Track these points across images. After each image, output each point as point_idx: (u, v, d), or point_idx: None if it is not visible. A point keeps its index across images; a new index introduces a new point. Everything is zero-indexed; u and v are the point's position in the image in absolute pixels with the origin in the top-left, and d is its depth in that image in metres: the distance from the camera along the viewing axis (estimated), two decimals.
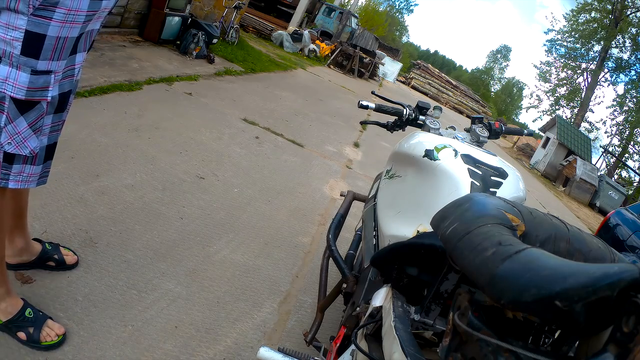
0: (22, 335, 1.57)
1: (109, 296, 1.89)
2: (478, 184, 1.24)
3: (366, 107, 1.98)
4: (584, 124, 32.67)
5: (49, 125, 1.41)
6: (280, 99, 7.36)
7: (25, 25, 1.19)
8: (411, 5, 65.81)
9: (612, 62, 31.49)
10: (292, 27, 16.58)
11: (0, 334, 1.57)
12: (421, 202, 1.31)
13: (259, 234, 2.89)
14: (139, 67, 5.57)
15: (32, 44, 1.21)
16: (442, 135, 1.71)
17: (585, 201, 17.23)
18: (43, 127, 1.39)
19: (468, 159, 1.32)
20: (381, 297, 1.11)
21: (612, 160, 29.27)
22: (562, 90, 34.15)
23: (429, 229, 1.14)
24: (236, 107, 5.70)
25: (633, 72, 31.20)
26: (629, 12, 28.81)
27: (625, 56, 30.83)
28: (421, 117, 1.91)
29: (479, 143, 1.70)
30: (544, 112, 34.71)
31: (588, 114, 32.63)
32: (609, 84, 32.98)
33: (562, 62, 33.93)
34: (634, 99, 31.82)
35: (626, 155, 31.75)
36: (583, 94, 32.35)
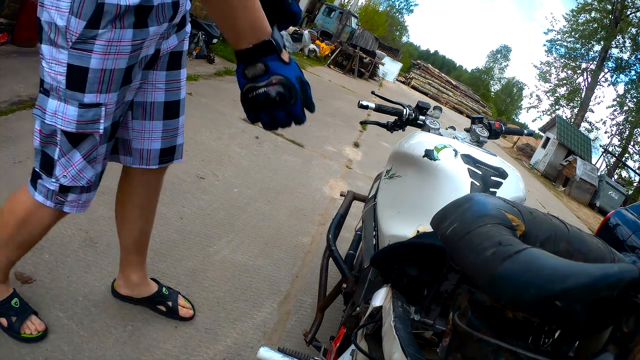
0: (3, 321, 1.58)
1: (109, 296, 1.89)
2: (478, 184, 1.24)
3: (366, 107, 1.98)
4: (584, 124, 32.70)
5: (103, 153, 1.38)
6: None
7: (67, 59, 1.17)
8: (411, 5, 65.88)
9: (612, 62, 31.51)
10: (292, 27, 16.58)
11: (1, 335, 1.57)
12: (421, 202, 1.31)
13: (259, 234, 2.89)
14: None
15: (76, 78, 1.19)
16: (442, 135, 1.71)
17: (585, 201, 17.23)
18: (97, 157, 1.36)
19: (468, 159, 1.32)
20: (381, 297, 1.11)
21: (612, 160, 29.28)
22: (562, 90, 34.20)
23: (429, 229, 1.14)
24: (236, 107, 5.70)
25: (633, 72, 31.22)
26: (629, 12, 28.83)
27: (625, 56, 30.87)
28: (421, 117, 1.91)
29: (479, 143, 1.70)
30: (544, 112, 34.76)
31: (588, 114, 32.67)
32: (609, 84, 33.05)
33: (562, 62, 33.97)
34: (634, 99, 31.85)
35: (626, 155, 31.77)
36: (583, 94, 32.37)
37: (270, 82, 0.96)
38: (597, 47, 31.52)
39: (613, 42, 29.92)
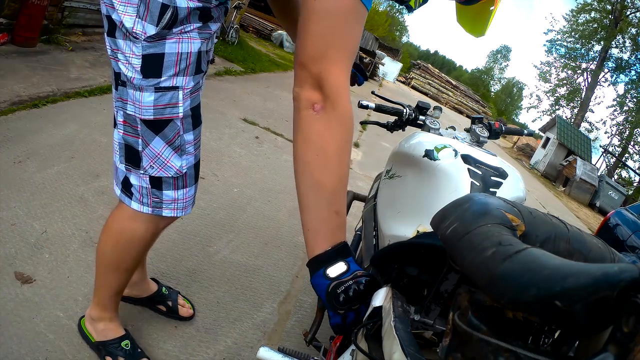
0: None
1: None
2: (478, 184, 1.24)
3: (366, 107, 1.98)
4: (584, 124, 32.71)
5: (192, 142, 1.35)
6: (280, 99, 7.37)
7: (141, 50, 1.18)
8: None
9: (612, 62, 31.50)
10: None
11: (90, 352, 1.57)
12: (421, 202, 1.31)
13: (259, 234, 2.89)
14: None
15: (151, 65, 1.20)
16: (442, 135, 1.71)
17: (585, 201, 17.24)
18: (185, 146, 1.33)
19: (468, 159, 1.32)
20: (381, 297, 1.11)
21: (612, 161, 29.30)
22: (562, 91, 34.22)
23: (429, 229, 1.14)
24: (236, 107, 5.70)
25: (633, 72, 31.21)
26: (628, 13, 28.84)
27: (625, 56, 30.88)
28: (421, 117, 1.91)
29: (479, 143, 1.70)
30: (544, 112, 34.78)
31: (588, 114, 32.68)
32: (609, 84, 33.07)
33: (562, 62, 33.97)
34: (634, 99, 31.86)
35: (626, 155, 31.79)
36: (583, 94, 32.39)
37: (356, 276, 1.04)
38: (597, 47, 31.56)
39: (613, 42, 29.93)
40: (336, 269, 1.02)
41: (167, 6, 1.15)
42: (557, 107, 34.25)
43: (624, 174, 30.27)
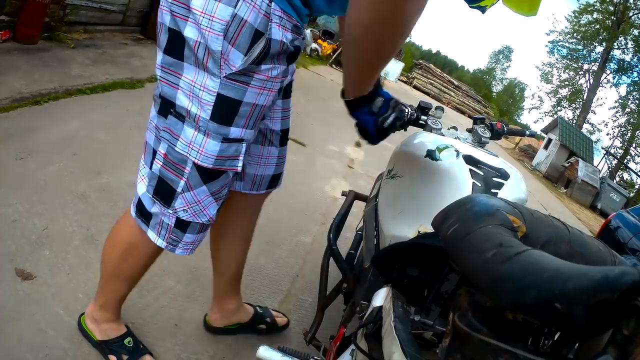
0: (112, 358, 1.57)
1: None
2: (479, 185, 1.24)
3: None
4: (586, 126, 32.65)
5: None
6: None
7: (218, 88, 1.04)
8: None
9: (615, 63, 31.45)
10: None
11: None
12: (422, 202, 1.31)
13: (260, 233, 2.89)
14: (141, 65, 5.57)
15: (225, 110, 1.06)
16: (443, 135, 1.71)
17: (587, 203, 17.21)
18: (226, 193, 1.26)
19: (470, 159, 1.32)
20: (381, 297, 1.11)
21: (614, 162, 29.26)
22: (564, 92, 34.18)
23: (430, 229, 1.14)
24: None
25: (635, 74, 31.17)
26: (631, 14, 28.77)
27: (628, 58, 30.81)
28: (423, 117, 1.90)
29: (481, 144, 1.70)
30: (546, 113, 34.74)
31: (590, 115, 32.62)
32: (611, 86, 32.96)
33: (564, 64, 33.91)
34: (636, 101, 31.81)
35: (628, 157, 31.74)
36: (585, 95, 32.33)
37: (392, 107, 1.23)
38: (599, 49, 31.49)
39: (615, 44, 29.87)
40: (377, 105, 1.20)
41: (260, 34, 1.01)
42: (559, 108, 34.23)
43: (625, 176, 30.24)
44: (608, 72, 31.72)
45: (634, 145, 31.79)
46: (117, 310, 1.60)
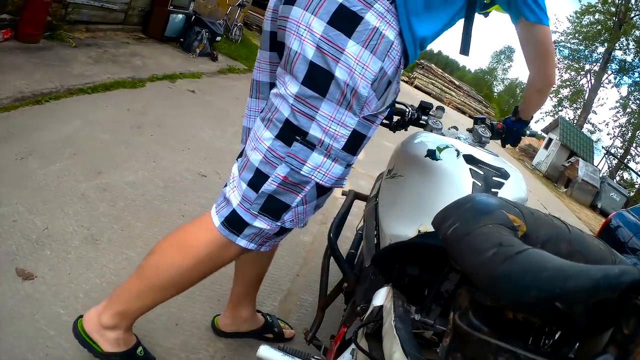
0: None
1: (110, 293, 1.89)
2: (480, 184, 1.24)
3: None
4: (587, 126, 32.61)
5: None
6: None
7: (355, 125, 1.17)
8: None
9: (616, 64, 31.41)
10: None
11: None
12: (423, 202, 1.31)
13: None
14: (142, 64, 5.58)
15: (355, 143, 1.20)
16: (444, 135, 1.71)
17: (587, 203, 17.21)
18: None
19: (470, 159, 1.32)
20: (382, 297, 1.11)
21: (614, 162, 29.24)
22: (565, 92, 34.10)
23: (430, 228, 1.14)
24: (239, 105, 5.70)
25: (637, 74, 31.14)
26: (632, 15, 28.73)
27: (629, 58, 30.76)
28: (424, 116, 1.90)
29: (481, 143, 1.70)
30: (547, 113, 34.63)
31: (591, 115, 32.58)
32: (612, 86, 32.90)
33: (565, 64, 33.84)
34: (637, 101, 31.78)
35: (628, 157, 31.72)
36: (586, 95, 32.28)
37: None
38: (601, 49, 31.44)
39: (617, 44, 29.83)
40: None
41: (390, 83, 1.18)
42: (560, 108, 34.16)
43: (625, 175, 30.22)
44: (609, 72, 31.69)
45: (634, 145, 31.77)
46: (135, 319, 1.48)
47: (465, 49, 1.38)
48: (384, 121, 1.74)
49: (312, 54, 1.09)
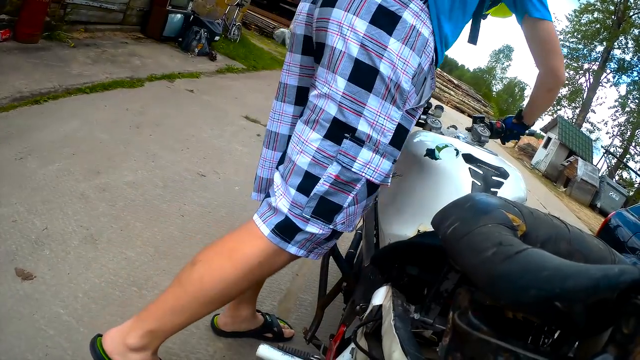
0: None
1: (110, 293, 1.89)
2: (479, 184, 1.24)
3: None
4: (586, 125, 32.66)
5: None
6: None
7: (399, 119, 1.19)
8: None
9: (615, 62, 31.43)
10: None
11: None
12: (422, 201, 1.31)
13: None
14: (141, 64, 5.57)
15: (399, 137, 1.21)
16: (443, 134, 1.71)
17: (586, 202, 17.23)
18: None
19: (469, 158, 1.32)
20: (381, 296, 1.11)
21: (613, 161, 29.28)
22: (564, 91, 34.12)
23: (430, 228, 1.14)
24: (238, 105, 5.70)
25: (635, 73, 31.16)
26: (631, 13, 28.77)
27: (628, 57, 30.80)
28: (422, 116, 1.90)
29: (480, 142, 1.70)
30: (546, 112, 34.65)
31: (590, 114, 32.64)
32: (611, 85, 32.97)
33: (564, 63, 33.90)
34: (636, 100, 31.81)
35: (627, 156, 31.76)
36: (585, 94, 32.32)
37: None
38: (600, 48, 31.48)
39: (615, 43, 29.86)
40: None
41: (426, 79, 1.22)
42: (558, 107, 34.18)
43: (625, 175, 30.26)
44: (608, 71, 31.73)
45: (633, 144, 31.81)
46: (164, 340, 1.36)
47: (473, 39, 1.44)
48: None
49: (356, 51, 1.13)
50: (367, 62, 1.13)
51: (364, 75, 1.14)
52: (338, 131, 1.18)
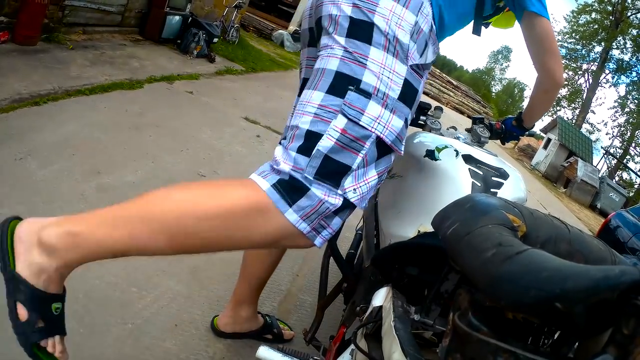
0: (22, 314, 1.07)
1: (109, 294, 1.89)
2: (479, 185, 1.24)
3: None
4: (585, 125, 32.70)
5: None
6: (281, 98, 7.36)
7: (406, 74, 1.15)
8: None
9: (613, 63, 31.47)
10: (292, 27, 16.54)
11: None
12: (422, 202, 1.31)
13: None
14: (140, 66, 5.57)
15: (408, 94, 1.16)
16: (443, 135, 1.71)
17: (586, 203, 17.23)
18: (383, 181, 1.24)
19: (469, 159, 1.32)
20: (381, 297, 1.11)
21: (613, 162, 29.30)
22: (563, 91, 34.16)
23: (430, 229, 1.14)
24: (237, 106, 5.70)
25: (634, 74, 31.19)
26: (629, 14, 28.81)
27: (626, 57, 30.83)
28: (422, 117, 1.90)
29: (480, 143, 1.70)
30: (545, 113, 34.73)
31: (589, 115, 32.68)
32: (610, 86, 33.02)
33: (563, 63, 33.92)
34: (635, 101, 31.83)
35: (627, 157, 31.78)
36: (584, 95, 32.36)
37: None
38: (598, 48, 31.53)
39: (614, 44, 29.89)
40: None
41: (426, 44, 1.21)
42: (558, 108, 34.23)
43: (625, 175, 30.28)
44: (607, 71, 31.76)
45: (633, 144, 31.83)
46: (83, 261, 1.08)
47: (477, 30, 1.45)
48: None
49: (350, 10, 1.14)
50: (361, 18, 1.14)
51: (361, 30, 1.13)
52: (341, 83, 1.11)
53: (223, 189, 1.11)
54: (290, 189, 1.08)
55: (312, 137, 1.10)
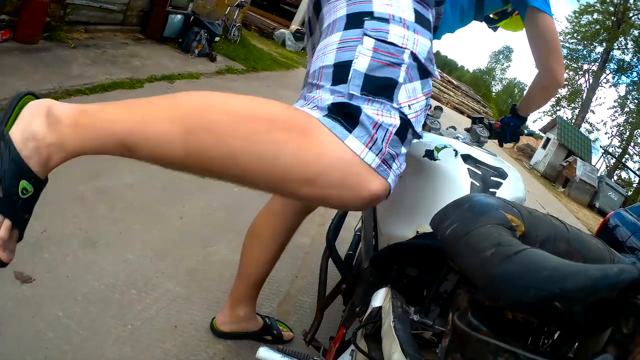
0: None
1: (109, 295, 1.89)
2: (478, 184, 1.24)
3: None
4: (585, 125, 32.70)
5: None
6: (282, 97, 7.35)
7: (413, 4, 1.06)
8: None
9: (614, 63, 31.47)
10: (294, 26, 16.55)
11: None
12: (421, 202, 1.31)
13: None
14: (141, 65, 5.57)
15: (422, 21, 1.06)
16: (442, 135, 1.71)
17: (585, 202, 17.24)
18: (426, 111, 1.11)
19: (468, 159, 1.32)
20: (380, 298, 1.11)
21: (612, 161, 29.31)
22: (563, 91, 34.16)
23: (429, 229, 1.14)
24: None
25: (635, 74, 31.20)
26: (631, 14, 28.81)
27: (627, 58, 30.84)
28: None
29: (479, 143, 1.70)
30: (545, 113, 34.66)
31: (589, 115, 32.67)
32: (610, 86, 33.00)
33: (564, 64, 33.94)
34: (635, 100, 31.85)
35: (626, 156, 31.79)
36: (584, 95, 32.36)
37: None
38: (599, 49, 31.53)
39: (615, 44, 29.90)
40: None
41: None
42: (557, 107, 34.22)
43: (623, 175, 30.28)
44: (608, 72, 31.77)
45: (632, 144, 31.84)
46: (71, 153, 0.96)
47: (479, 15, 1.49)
48: None
49: None
50: None
51: None
52: (355, 20, 1.02)
53: (271, 110, 0.93)
54: (344, 110, 0.91)
55: (341, 66, 0.97)
